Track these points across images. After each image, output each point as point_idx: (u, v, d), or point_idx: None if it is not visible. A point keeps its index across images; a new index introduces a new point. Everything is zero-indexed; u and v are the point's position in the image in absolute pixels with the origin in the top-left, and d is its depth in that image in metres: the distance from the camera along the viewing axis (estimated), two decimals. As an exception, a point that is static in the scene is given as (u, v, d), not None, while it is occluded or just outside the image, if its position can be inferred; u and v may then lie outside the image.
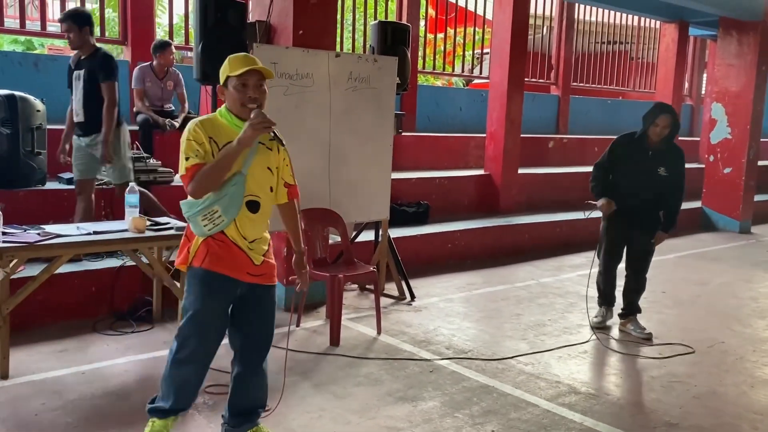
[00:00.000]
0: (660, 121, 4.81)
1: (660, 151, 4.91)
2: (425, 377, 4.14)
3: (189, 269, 2.99)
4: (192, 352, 2.99)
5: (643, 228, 5.05)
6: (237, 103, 2.89)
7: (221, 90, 2.96)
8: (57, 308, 4.76)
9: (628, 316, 5.22)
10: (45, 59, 7.54)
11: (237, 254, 2.95)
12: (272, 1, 5.25)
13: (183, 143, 2.86)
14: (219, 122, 2.93)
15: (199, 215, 2.90)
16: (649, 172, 4.90)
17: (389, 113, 5.66)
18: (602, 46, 13.49)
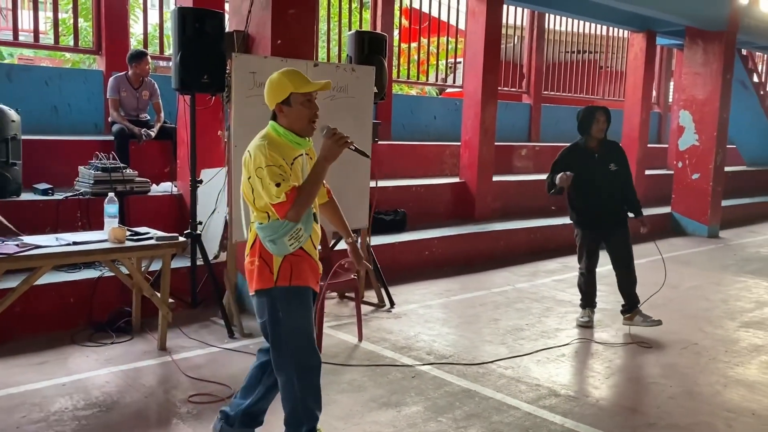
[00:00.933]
0: (599, 116, 5.21)
1: (603, 150, 5.29)
2: (407, 383, 4.18)
3: (275, 290, 2.95)
4: (303, 363, 3.01)
5: (613, 225, 5.36)
6: (304, 120, 2.92)
7: (281, 107, 2.92)
8: (35, 320, 4.71)
9: (631, 310, 5.46)
10: (18, 69, 7.47)
11: (313, 265, 3.04)
12: (250, 11, 5.28)
13: (262, 170, 2.80)
14: (279, 141, 2.91)
15: (285, 236, 2.92)
16: (602, 171, 5.24)
17: (368, 122, 5.72)
18: (573, 55, 13.75)
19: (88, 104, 7.34)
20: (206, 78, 4.96)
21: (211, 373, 4.20)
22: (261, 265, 2.97)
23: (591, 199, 5.28)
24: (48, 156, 6.17)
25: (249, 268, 3.03)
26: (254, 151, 2.87)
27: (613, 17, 10.41)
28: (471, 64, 8.94)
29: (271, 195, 2.82)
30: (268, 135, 2.94)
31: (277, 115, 2.96)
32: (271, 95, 2.95)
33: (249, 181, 2.91)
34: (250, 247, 3.04)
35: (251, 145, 2.94)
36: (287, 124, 2.94)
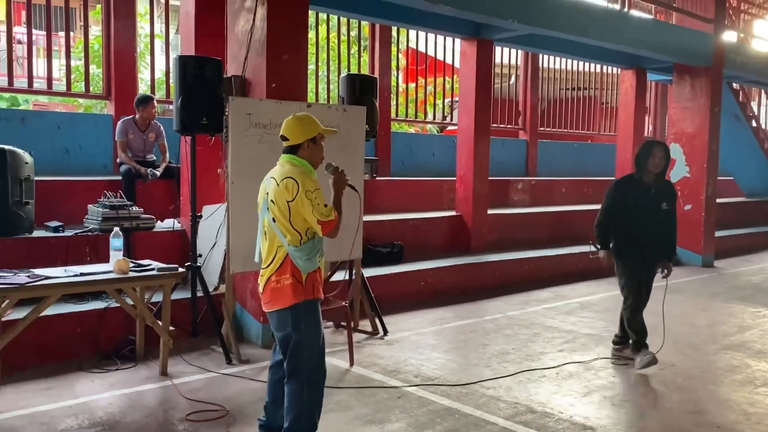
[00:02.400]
0: (656, 151, 5.13)
1: (659, 187, 5.23)
2: (393, 402, 4.42)
3: (306, 303, 3.43)
4: (316, 372, 3.49)
5: (653, 263, 5.35)
6: (320, 156, 3.53)
7: (309, 143, 3.47)
8: (45, 349, 5.00)
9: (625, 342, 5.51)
10: (31, 115, 7.91)
11: (321, 276, 3.56)
12: (246, 58, 5.67)
13: (312, 193, 3.33)
14: (304, 170, 3.44)
15: (317, 254, 3.45)
16: (655, 209, 5.19)
17: (359, 159, 6.05)
18: (568, 92, 14.15)
19: (97, 146, 7.74)
20: (205, 120, 5.34)
21: (208, 396, 4.45)
22: (294, 282, 3.41)
23: (641, 236, 5.18)
24: (59, 195, 6.53)
25: (277, 286, 3.43)
26: (300, 177, 3.36)
27: (602, 56, 10.80)
28: (464, 103, 9.32)
29: (322, 213, 3.35)
30: (293, 167, 3.44)
31: (300, 149, 3.47)
32: (302, 132, 3.47)
33: (289, 204, 3.35)
34: (277, 267, 3.43)
35: (286, 173, 3.40)
36: (307, 157, 3.48)
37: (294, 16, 5.74)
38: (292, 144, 3.48)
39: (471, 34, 9.00)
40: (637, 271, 5.28)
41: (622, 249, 5.32)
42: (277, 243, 3.43)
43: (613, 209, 5.30)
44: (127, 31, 7.90)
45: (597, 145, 14.91)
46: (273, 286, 3.43)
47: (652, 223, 5.18)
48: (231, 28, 5.88)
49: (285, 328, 3.45)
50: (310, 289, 3.43)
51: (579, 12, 8.80)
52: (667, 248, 5.35)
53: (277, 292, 3.42)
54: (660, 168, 5.17)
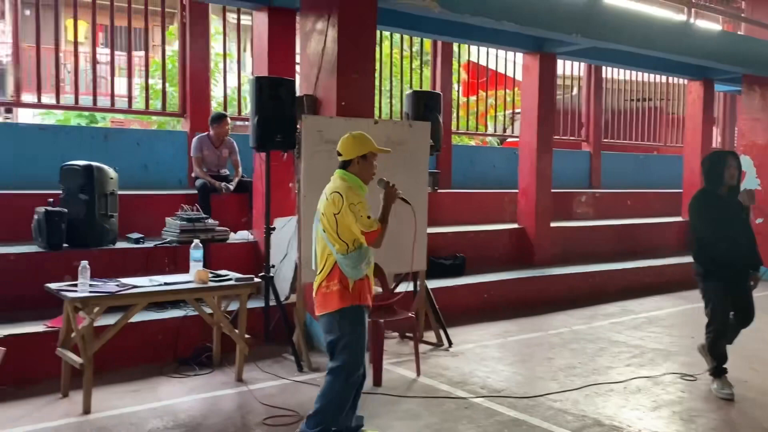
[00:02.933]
0: (731, 161, 4.99)
1: (734, 197, 5.09)
2: (460, 412, 4.52)
3: (351, 308, 3.70)
4: (351, 374, 3.70)
5: (742, 279, 5.06)
6: (370, 173, 3.77)
7: (359, 160, 3.73)
8: (129, 354, 5.30)
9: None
10: (114, 132, 8.37)
11: (369, 285, 3.83)
12: (318, 77, 5.90)
13: (355, 206, 3.59)
14: (351, 185, 3.70)
15: (363, 262, 3.70)
16: (738, 219, 5.04)
17: (423, 172, 6.19)
18: (632, 102, 13.96)
19: (173, 162, 8.12)
20: (280, 137, 5.59)
21: (282, 402, 4.65)
22: (341, 288, 3.67)
23: (731, 249, 4.93)
24: (139, 208, 6.90)
25: (326, 291, 3.70)
26: (345, 191, 3.63)
27: (668, 67, 10.67)
28: (526, 116, 9.37)
29: (365, 224, 3.61)
30: (341, 182, 3.70)
31: (351, 165, 3.71)
32: (354, 149, 3.72)
33: (336, 216, 3.62)
34: (327, 274, 3.70)
35: (334, 188, 3.68)
36: (357, 173, 3.72)
37: (363, 36, 5.96)
38: (344, 159, 3.75)
39: (534, 49, 9.05)
40: (724, 294, 4.99)
41: (707, 270, 5.04)
42: (327, 251, 3.72)
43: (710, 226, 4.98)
44: (201, 52, 8.29)
45: (663, 156, 14.64)
46: (323, 292, 3.73)
47: (740, 235, 5.00)
48: (303, 49, 6.13)
49: (331, 331, 3.71)
50: (357, 296, 3.69)
51: (642, 24, 8.73)
52: (753, 259, 5.07)
53: (326, 297, 3.71)
54: (735, 179, 5.00)
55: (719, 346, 5.08)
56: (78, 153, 6.85)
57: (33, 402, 4.51)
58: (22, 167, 7.00)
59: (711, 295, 5.05)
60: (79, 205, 5.94)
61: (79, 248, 5.82)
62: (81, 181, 6.00)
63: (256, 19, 7.09)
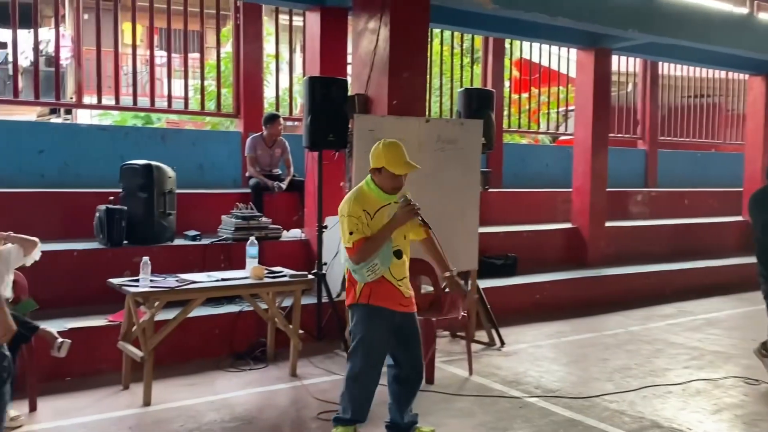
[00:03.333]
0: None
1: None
2: (515, 412, 4.48)
3: (357, 306, 3.76)
4: (360, 372, 3.75)
5: None
6: (389, 186, 3.72)
7: (374, 171, 3.73)
8: (187, 348, 5.43)
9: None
10: (170, 133, 8.58)
11: (391, 290, 3.75)
12: (369, 77, 5.93)
13: (344, 218, 3.64)
14: (367, 193, 3.73)
15: (364, 269, 3.68)
16: None
17: (475, 171, 6.15)
18: (690, 99, 13.59)
19: (228, 161, 8.28)
20: (332, 137, 5.63)
21: (334, 397, 4.60)
22: (349, 286, 3.81)
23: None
24: (196, 207, 7.05)
25: (348, 285, 3.82)
26: (348, 200, 3.71)
27: (728, 62, 10.35)
28: (581, 113, 9.21)
29: (345, 239, 3.66)
30: (360, 187, 3.77)
31: (375, 173, 3.76)
32: (378, 159, 3.73)
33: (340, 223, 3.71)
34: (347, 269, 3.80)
35: (348, 195, 3.78)
36: (378, 183, 3.76)
37: (415, 35, 5.97)
38: (371, 167, 3.77)
39: (588, 44, 8.89)
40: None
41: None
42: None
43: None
44: (255, 53, 8.43)
45: (722, 154, 14.20)
46: (347, 286, 3.85)
47: None
48: (355, 48, 6.17)
49: (349, 324, 3.89)
50: (366, 296, 3.72)
51: (701, 18, 8.50)
52: None
53: (347, 290, 3.85)
54: None
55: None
56: (136, 153, 7.05)
57: (96, 393, 4.67)
58: (83, 166, 7.25)
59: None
60: (139, 204, 6.11)
61: (138, 245, 5.99)
62: (140, 180, 6.17)
63: (308, 19, 7.16)
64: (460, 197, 6.07)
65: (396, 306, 3.76)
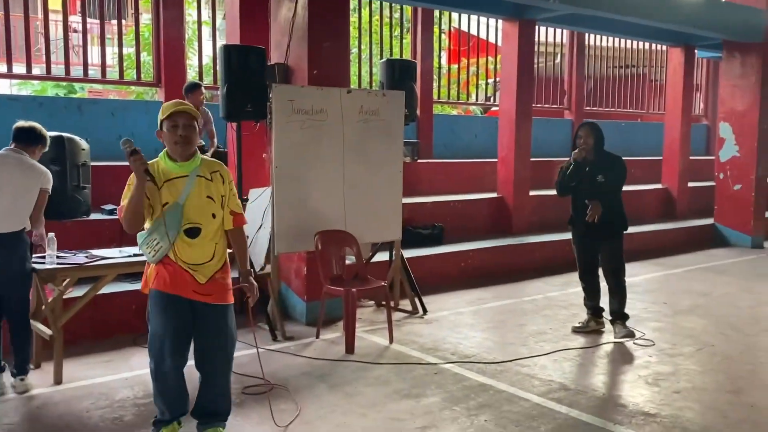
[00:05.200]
0: (581, 132, 5.48)
1: (596, 162, 5.43)
2: (429, 378, 4.58)
3: (150, 292, 3.42)
4: (155, 365, 3.44)
5: (603, 234, 5.53)
6: (170, 144, 3.41)
7: (159, 133, 3.45)
8: (102, 325, 5.32)
9: (614, 321, 5.55)
10: (87, 103, 8.26)
11: (181, 274, 3.34)
12: (289, 46, 5.84)
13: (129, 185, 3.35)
14: (161, 163, 3.45)
15: (143, 245, 3.37)
16: (591, 183, 5.43)
17: (398, 142, 6.18)
18: (616, 70, 13.92)
19: (149, 132, 7.95)
20: (250, 107, 5.54)
21: (255, 371, 4.62)
22: (144, 269, 3.48)
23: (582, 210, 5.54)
24: (113, 180, 6.81)
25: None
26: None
27: (649, 34, 10.62)
28: (506, 84, 9.33)
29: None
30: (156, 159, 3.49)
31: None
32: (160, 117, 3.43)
33: None
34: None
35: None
36: (166, 148, 3.44)
37: (335, 3, 5.88)
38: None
39: (513, 15, 8.98)
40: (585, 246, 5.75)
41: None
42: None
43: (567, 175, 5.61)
44: (176, 20, 8.18)
45: (647, 124, 14.66)
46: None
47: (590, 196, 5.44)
48: (274, 16, 6.06)
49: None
50: (152, 279, 3.38)
51: (622, -10, 8.68)
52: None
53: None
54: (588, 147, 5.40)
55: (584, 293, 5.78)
56: (51, 124, 6.69)
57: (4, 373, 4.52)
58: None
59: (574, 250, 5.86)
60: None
61: (51, 220, 5.76)
62: (52, 153, 5.90)
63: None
64: (384, 168, 6.09)
65: (187, 292, 3.35)
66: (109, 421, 3.86)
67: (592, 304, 5.73)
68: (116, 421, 3.87)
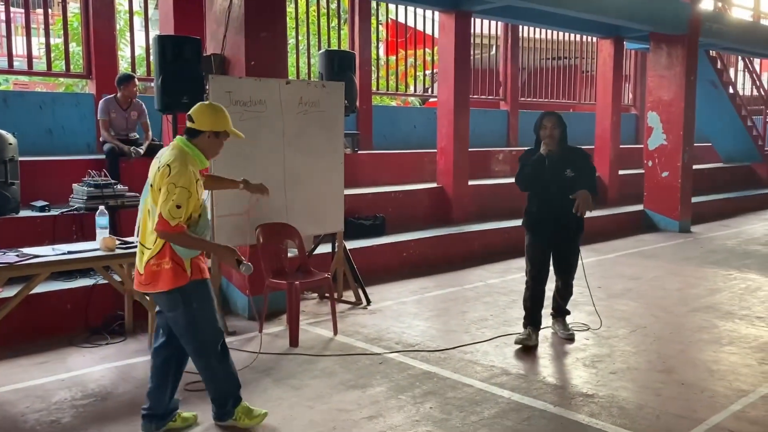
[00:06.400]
0: (546, 122, 5.07)
1: (561, 155, 5.08)
2: (375, 368, 4.62)
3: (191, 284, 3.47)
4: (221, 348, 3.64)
5: (565, 233, 5.16)
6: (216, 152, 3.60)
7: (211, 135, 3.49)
8: (36, 326, 5.13)
9: (557, 317, 5.47)
10: (13, 95, 7.93)
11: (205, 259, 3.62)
12: (225, 36, 5.74)
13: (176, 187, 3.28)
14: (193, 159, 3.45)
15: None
16: (556, 177, 5.03)
17: (339, 133, 6.17)
18: (549, 61, 14.25)
19: (80, 126, 7.80)
20: (186, 99, 5.42)
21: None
22: (174, 266, 3.37)
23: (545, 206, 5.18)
24: (44, 175, 6.61)
25: (156, 270, 3.38)
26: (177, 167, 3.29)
27: (581, 25, 10.91)
28: (443, 76, 9.42)
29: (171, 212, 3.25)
30: (188, 152, 3.42)
31: (200, 136, 3.46)
32: (211, 121, 3.45)
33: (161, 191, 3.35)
34: (157, 252, 3.37)
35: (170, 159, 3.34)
36: (203, 148, 3.47)
37: (271, -7, 5.81)
38: (194, 128, 3.44)
39: (449, 7, 9.07)
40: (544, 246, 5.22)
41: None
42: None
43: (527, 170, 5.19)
44: (106, 9, 7.93)
45: (578, 114, 15.06)
46: (153, 269, 3.39)
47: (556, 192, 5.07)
48: (209, 6, 5.94)
49: (176, 308, 3.42)
50: (198, 271, 3.43)
51: (555, -17, 8.88)
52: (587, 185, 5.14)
53: (158, 276, 3.38)
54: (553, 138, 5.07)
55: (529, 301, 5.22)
56: (-27, 118, 6.48)
57: (-69, 379, 4.33)
58: None
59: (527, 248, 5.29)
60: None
61: (-23, 218, 5.55)
62: (-24, 148, 5.68)
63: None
64: (325, 160, 6.07)
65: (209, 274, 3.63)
66: (46, 424, 3.74)
67: (538, 316, 5.23)
68: (54, 424, 3.75)
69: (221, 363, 3.59)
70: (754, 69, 17.24)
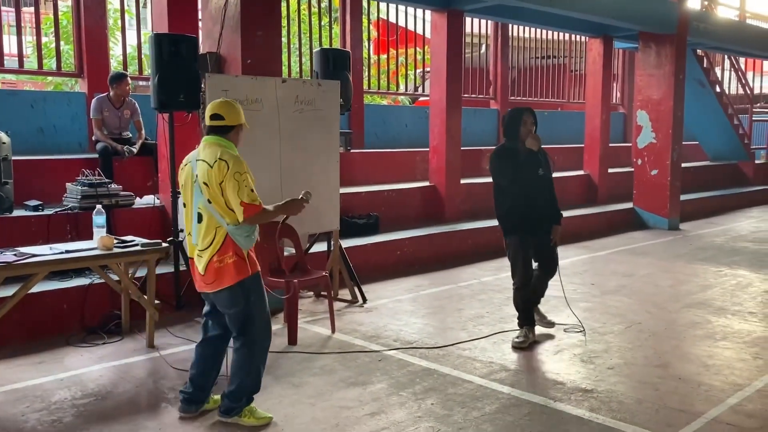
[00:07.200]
0: (526, 118, 5.02)
1: (532, 154, 5.02)
2: (374, 365, 4.63)
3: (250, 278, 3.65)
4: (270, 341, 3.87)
5: (545, 229, 5.17)
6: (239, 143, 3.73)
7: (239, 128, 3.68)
8: (33, 326, 5.10)
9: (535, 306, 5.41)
10: (4, 94, 7.87)
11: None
12: (221, 35, 5.74)
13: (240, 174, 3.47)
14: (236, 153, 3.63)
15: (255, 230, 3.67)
16: (533, 176, 5.01)
17: (335, 132, 6.18)
18: (539, 60, 14.32)
19: (72, 125, 7.75)
20: (182, 97, 5.42)
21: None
22: (238, 260, 3.57)
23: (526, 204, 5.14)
24: (37, 175, 6.57)
25: (220, 266, 3.55)
26: (231, 159, 3.49)
27: (570, 25, 10.98)
28: (435, 75, 9.45)
29: (249, 197, 3.46)
30: (223, 145, 3.57)
31: (233, 131, 3.64)
32: (238, 116, 3.65)
33: (221, 185, 3.47)
34: (219, 248, 3.54)
35: (216, 155, 3.49)
36: (236, 141, 3.68)
37: (267, -8, 5.81)
38: (227, 124, 3.60)
39: (441, 6, 9.10)
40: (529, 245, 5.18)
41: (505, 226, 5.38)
42: (215, 224, 3.53)
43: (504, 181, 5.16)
44: (97, 7, 7.87)
45: (567, 113, 15.16)
46: (216, 267, 3.55)
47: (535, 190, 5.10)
48: (204, 4, 5.94)
49: (237, 304, 3.60)
50: (254, 264, 3.63)
51: (546, -18, 8.93)
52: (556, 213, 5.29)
53: (222, 272, 3.55)
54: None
55: (520, 300, 5.18)
56: (-36, 117, 6.42)
57: (-73, 380, 4.30)
58: None
59: (511, 250, 5.22)
60: (-31, 173, 5.59)
61: (-30, 218, 5.50)
62: (-31, 147, 5.64)
63: (154, -28, 6.77)
64: (321, 158, 6.08)
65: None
66: (47, 423, 3.72)
67: (532, 313, 5.24)
68: (55, 423, 3.73)
69: (262, 360, 3.75)
70: (740, 68, 17.43)
